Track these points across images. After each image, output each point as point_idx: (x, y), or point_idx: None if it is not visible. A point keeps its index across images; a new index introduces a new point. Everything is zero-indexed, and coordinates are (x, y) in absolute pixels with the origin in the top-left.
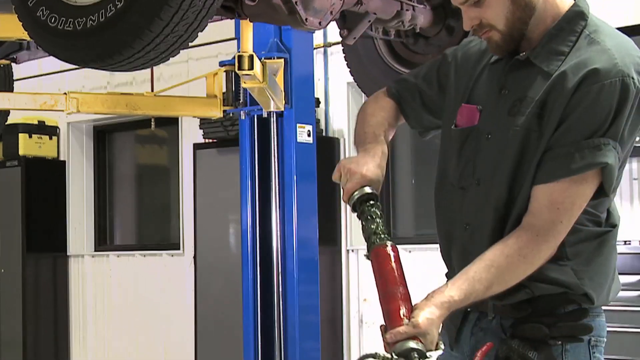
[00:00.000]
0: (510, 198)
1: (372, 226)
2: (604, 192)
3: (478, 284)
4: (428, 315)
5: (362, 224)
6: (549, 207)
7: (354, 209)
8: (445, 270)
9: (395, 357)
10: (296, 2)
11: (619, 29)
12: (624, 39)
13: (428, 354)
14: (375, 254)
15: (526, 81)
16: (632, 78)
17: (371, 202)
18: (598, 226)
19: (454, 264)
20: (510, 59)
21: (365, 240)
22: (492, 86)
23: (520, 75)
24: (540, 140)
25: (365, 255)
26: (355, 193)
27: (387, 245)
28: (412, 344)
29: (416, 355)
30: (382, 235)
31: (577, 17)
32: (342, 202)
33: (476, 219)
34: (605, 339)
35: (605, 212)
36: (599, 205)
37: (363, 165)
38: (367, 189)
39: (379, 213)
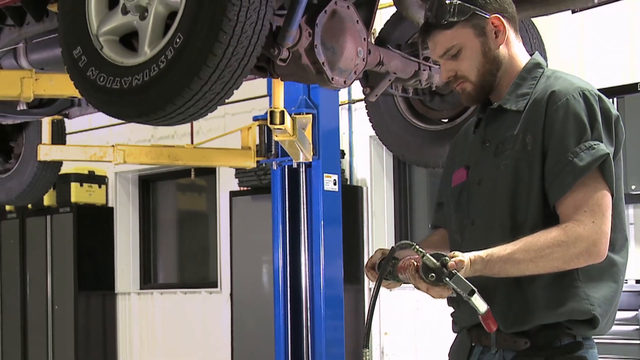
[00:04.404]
0: (514, 222)
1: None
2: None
3: (502, 249)
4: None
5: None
6: (577, 211)
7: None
8: None
9: (428, 254)
10: (323, 63)
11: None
12: (577, 77)
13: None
14: None
15: (503, 126)
16: (589, 90)
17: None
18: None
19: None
20: (486, 115)
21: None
22: (476, 144)
23: (496, 124)
24: (532, 167)
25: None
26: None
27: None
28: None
29: (447, 258)
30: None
31: (535, 67)
32: (364, 244)
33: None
34: None
35: (619, 238)
36: None
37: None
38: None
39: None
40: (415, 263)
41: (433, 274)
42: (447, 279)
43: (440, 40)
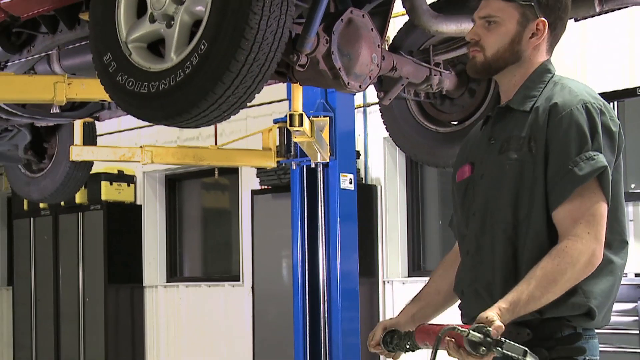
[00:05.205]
0: (515, 220)
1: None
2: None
3: (519, 293)
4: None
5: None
6: (574, 224)
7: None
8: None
9: (470, 331)
10: (340, 69)
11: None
12: (582, 83)
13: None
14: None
15: (510, 125)
16: (592, 103)
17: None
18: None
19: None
20: (494, 114)
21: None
22: (483, 142)
23: (503, 122)
24: (535, 168)
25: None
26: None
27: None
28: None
29: (489, 328)
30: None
31: (544, 72)
32: (379, 239)
33: (478, 243)
34: (598, 358)
35: (616, 239)
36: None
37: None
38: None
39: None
40: (453, 340)
41: (484, 348)
42: (499, 348)
43: (492, 6)
